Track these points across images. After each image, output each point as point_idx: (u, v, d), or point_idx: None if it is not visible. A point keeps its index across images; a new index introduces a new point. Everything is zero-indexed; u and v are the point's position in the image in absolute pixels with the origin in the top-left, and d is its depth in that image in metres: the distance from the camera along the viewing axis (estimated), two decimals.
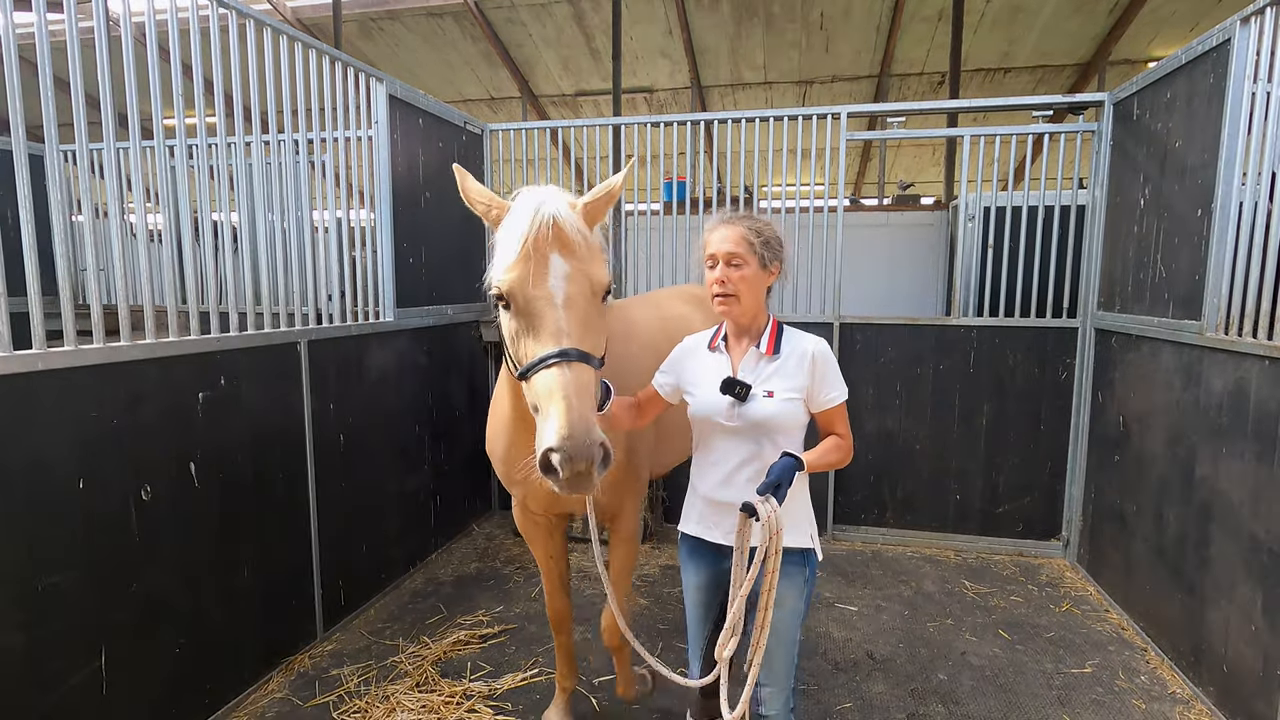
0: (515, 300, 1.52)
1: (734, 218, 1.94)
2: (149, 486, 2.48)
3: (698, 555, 2.06)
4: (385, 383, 3.87)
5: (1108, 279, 4.12)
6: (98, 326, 2.33)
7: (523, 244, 1.51)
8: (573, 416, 1.37)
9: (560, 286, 1.52)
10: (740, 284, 1.90)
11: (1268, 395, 2.63)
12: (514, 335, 1.55)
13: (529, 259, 1.51)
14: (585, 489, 1.40)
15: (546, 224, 1.53)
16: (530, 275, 1.51)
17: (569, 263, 1.55)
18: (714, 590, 2.04)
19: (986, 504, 4.62)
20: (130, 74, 2.42)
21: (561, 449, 1.35)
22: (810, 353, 1.91)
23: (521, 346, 1.53)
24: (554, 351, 1.45)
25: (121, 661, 2.39)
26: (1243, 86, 2.90)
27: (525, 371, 1.49)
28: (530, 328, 1.51)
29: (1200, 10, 9.91)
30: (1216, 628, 2.89)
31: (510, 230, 1.55)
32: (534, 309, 1.50)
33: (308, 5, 11.66)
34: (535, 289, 1.51)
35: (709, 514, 2.00)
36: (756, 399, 1.87)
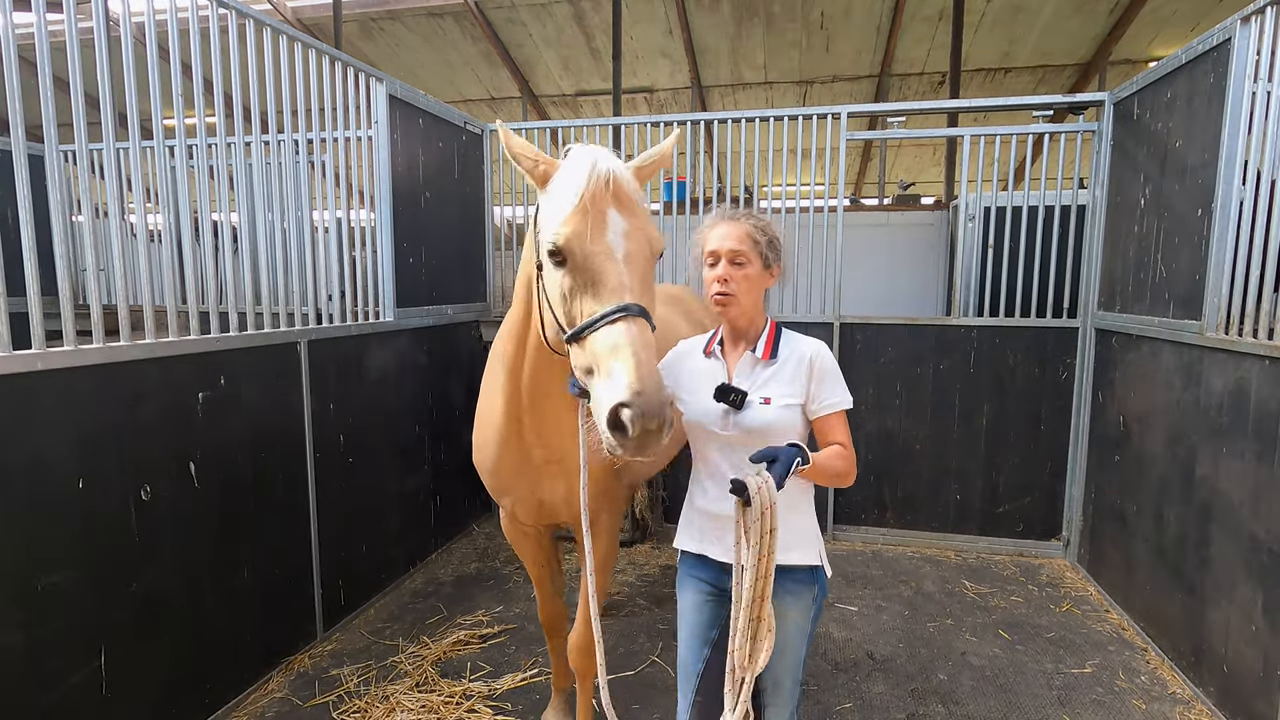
0: (573, 255, 1.42)
1: (737, 214, 1.87)
2: (149, 486, 2.48)
3: (696, 573, 1.94)
4: (385, 383, 3.88)
5: (1108, 279, 4.12)
6: (97, 326, 2.33)
7: (580, 198, 1.43)
8: (644, 371, 1.29)
9: (620, 243, 1.45)
10: (742, 283, 1.82)
11: (1268, 395, 2.63)
12: (566, 293, 1.44)
13: (586, 213, 1.43)
14: (650, 451, 1.32)
15: (604, 179, 1.46)
16: (589, 229, 1.42)
17: (627, 220, 1.48)
18: (714, 612, 1.90)
19: (987, 504, 4.62)
20: (130, 74, 2.42)
21: (634, 404, 1.25)
22: (809, 355, 1.83)
23: (575, 305, 1.43)
24: (618, 305, 1.37)
25: (121, 661, 2.39)
26: (1243, 86, 2.89)
27: (582, 330, 1.39)
28: (589, 284, 1.41)
29: (1201, 10, 9.90)
30: (1217, 628, 2.89)
31: (565, 184, 1.47)
32: (593, 264, 1.41)
33: (308, 5, 11.67)
34: (594, 244, 1.42)
35: (709, 529, 1.89)
36: (752, 406, 1.78)
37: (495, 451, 2.13)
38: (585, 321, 1.39)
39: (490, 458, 2.17)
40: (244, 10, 2.90)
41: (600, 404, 1.32)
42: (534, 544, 2.52)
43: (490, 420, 2.11)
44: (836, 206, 4.63)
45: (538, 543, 2.52)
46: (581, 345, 1.41)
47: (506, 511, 2.40)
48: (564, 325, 1.47)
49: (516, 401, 1.96)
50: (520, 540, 2.51)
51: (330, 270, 3.59)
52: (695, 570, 1.93)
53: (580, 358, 1.42)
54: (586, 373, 1.41)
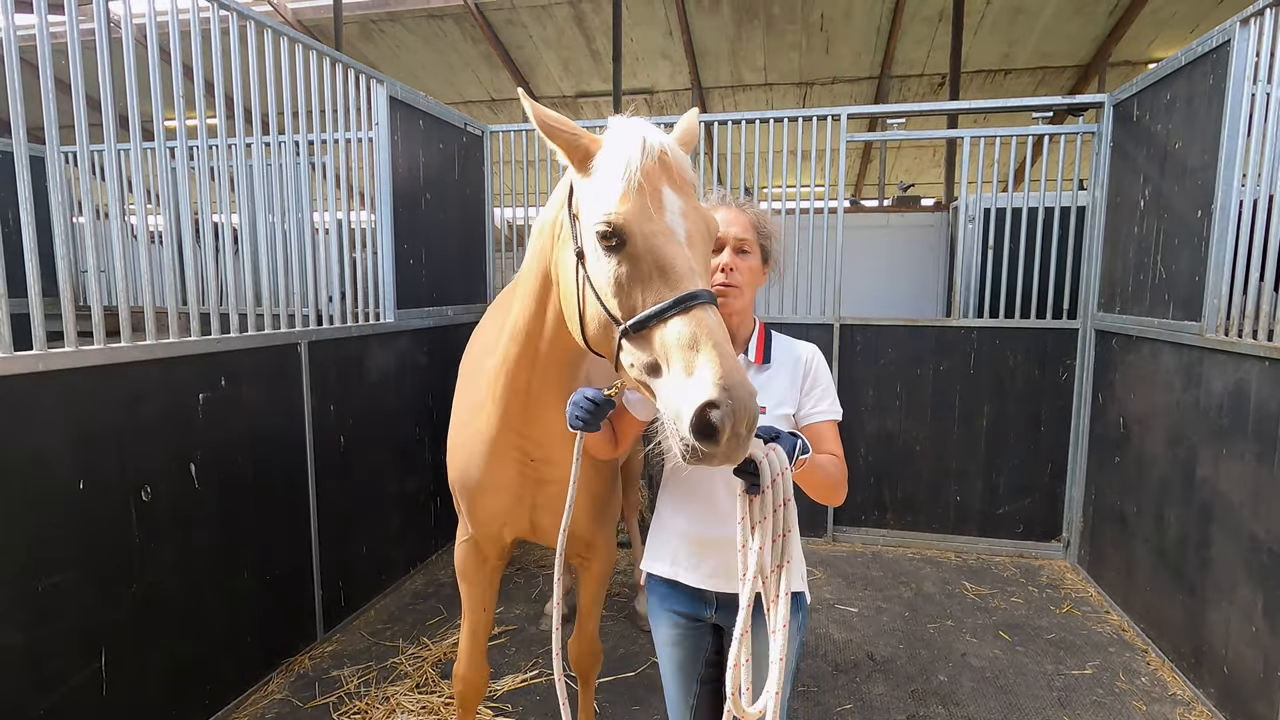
0: (633, 237, 1.25)
1: (739, 201, 1.75)
2: (149, 487, 2.48)
3: (670, 603, 1.76)
4: (386, 384, 3.88)
5: (1108, 280, 4.12)
6: (98, 327, 2.34)
7: (634, 174, 1.29)
8: (730, 364, 1.12)
9: (679, 223, 1.31)
10: (746, 274, 1.68)
11: (1268, 396, 2.63)
12: (622, 281, 1.27)
13: (643, 191, 1.28)
14: (736, 459, 1.17)
15: (657, 153, 1.32)
16: (648, 208, 1.28)
17: (683, 199, 1.34)
18: (696, 650, 1.74)
19: (987, 505, 4.62)
20: (131, 75, 2.42)
21: (723, 402, 1.07)
22: (805, 359, 1.73)
23: (636, 294, 1.26)
24: (690, 291, 1.20)
25: (121, 662, 2.39)
26: (1242, 87, 2.90)
27: (647, 321, 1.22)
28: (652, 270, 1.24)
29: (1200, 12, 9.91)
30: (1217, 629, 2.89)
31: (614, 160, 1.31)
32: (656, 246, 1.25)
33: (308, 7, 11.69)
34: (654, 224, 1.27)
35: (687, 553, 1.72)
36: None
37: (487, 470, 1.92)
38: (651, 310, 1.22)
39: (478, 477, 1.95)
40: (245, 12, 2.90)
41: (680, 405, 1.13)
42: (488, 579, 2.24)
43: (480, 433, 1.89)
44: (837, 208, 4.64)
45: (491, 579, 2.25)
46: (644, 338, 1.24)
47: (473, 539, 2.16)
48: (617, 316, 1.28)
49: (518, 412, 1.76)
50: (477, 570, 2.21)
51: (331, 271, 3.59)
52: (668, 600, 1.78)
53: (639, 353, 1.25)
54: (649, 370, 1.24)
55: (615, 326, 1.28)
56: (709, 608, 1.73)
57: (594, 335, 1.36)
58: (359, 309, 3.78)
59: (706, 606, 1.72)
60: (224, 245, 3.19)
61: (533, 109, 1.38)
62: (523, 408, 1.75)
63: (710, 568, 1.68)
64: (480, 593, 2.23)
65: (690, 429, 1.10)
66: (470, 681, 2.28)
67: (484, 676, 2.32)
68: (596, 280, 1.31)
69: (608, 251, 1.28)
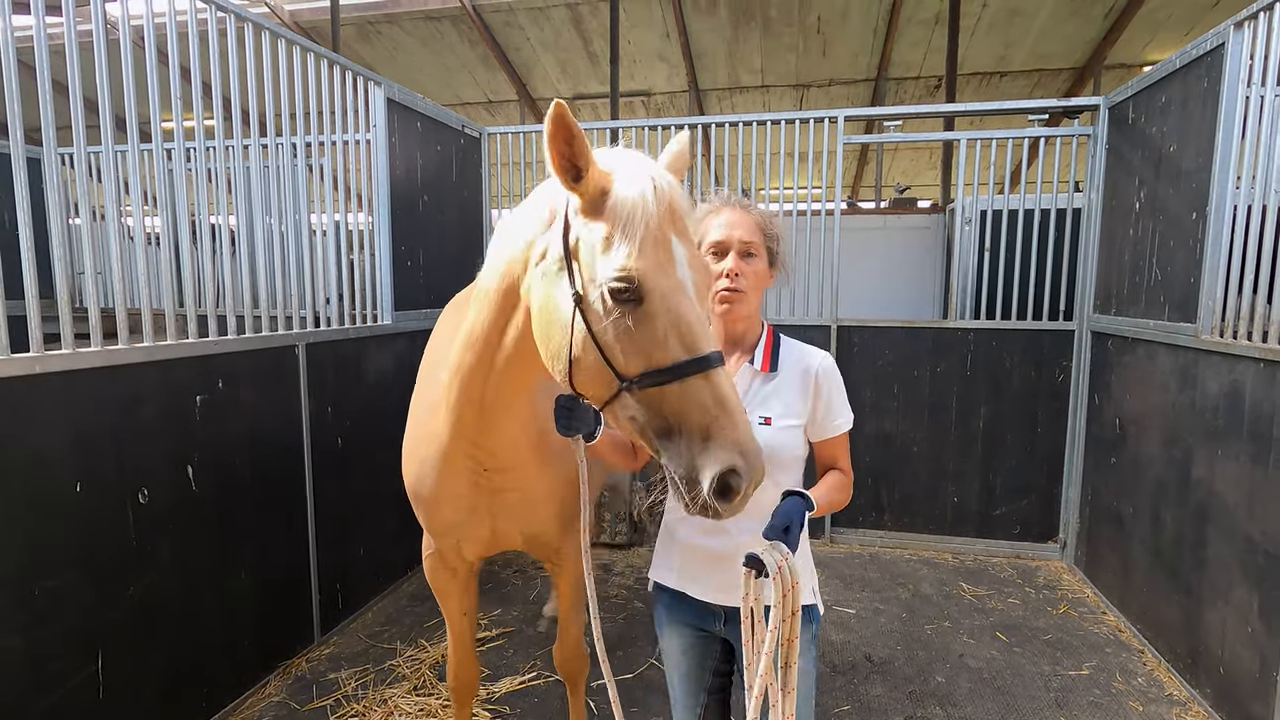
0: (650, 294, 1.20)
1: (744, 202, 1.69)
2: (146, 489, 2.48)
3: (677, 614, 1.74)
4: (383, 385, 3.87)
5: (1104, 282, 4.13)
6: (95, 330, 2.33)
7: (650, 224, 1.23)
8: (746, 429, 1.17)
9: (689, 276, 1.27)
10: (752, 279, 1.62)
11: (1262, 397, 2.65)
12: (630, 335, 1.21)
13: (657, 243, 1.24)
14: (741, 510, 1.20)
15: (667, 201, 1.27)
16: (662, 262, 1.23)
17: (687, 247, 1.30)
18: (704, 652, 1.73)
19: (984, 506, 4.63)
20: (129, 77, 2.42)
21: (743, 469, 1.13)
22: (814, 369, 1.64)
23: (650, 350, 1.21)
24: (705, 354, 1.19)
25: (118, 665, 2.38)
26: (1237, 90, 2.91)
27: (659, 379, 1.19)
28: (667, 328, 1.20)
29: (1195, 15, 9.97)
30: (1213, 629, 2.90)
31: (627, 208, 1.23)
32: (672, 304, 1.21)
33: (306, 9, 11.69)
34: (670, 280, 1.23)
35: (692, 565, 1.69)
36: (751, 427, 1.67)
37: (440, 478, 1.88)
38: (667, 369, 1.19)
39: (432, 486, 1.91)
40: (242, 14, 2.90)
41: (699, 469, 1.15)
42: (461, 587, 2.24)
43: (432, 441, 1.84)
44: (834, 210, 4.65)
45: (465, 586, 2.25)
46: (653, 396, 1.20)
47: (437, 552, 2.15)
48: (623, 373, 1.22)
49: (472, 420, 1.71)
50: (448, 584, 2.21)
51: (328, 273, 3.59)
52: (674, 611, 1.75)
53: (642, 410, 1.21)
54: (655, 426, 1.21)
55: (615, 381, 1.23)
56: (717, 621, 1.69)
57: (583, 382, 1.30)
58: (356, 311, 3.77)
59: (715, 619, 1.69)
60: (221, 247, 3.19)
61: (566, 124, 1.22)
62: (477, 416, 1.69)
63: (719, 582, 1.63)
64: (455, 602, 2.25)
65: (712, 492, 1.13)
66: (462, 679, 2.35)
67: (475, 675, 2.39)
68: (601, 333, 1.24)
69: (619, 306, 1.21)
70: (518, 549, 2.15)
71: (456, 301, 2.05)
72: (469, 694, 2.40)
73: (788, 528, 1.36)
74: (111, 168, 2.36)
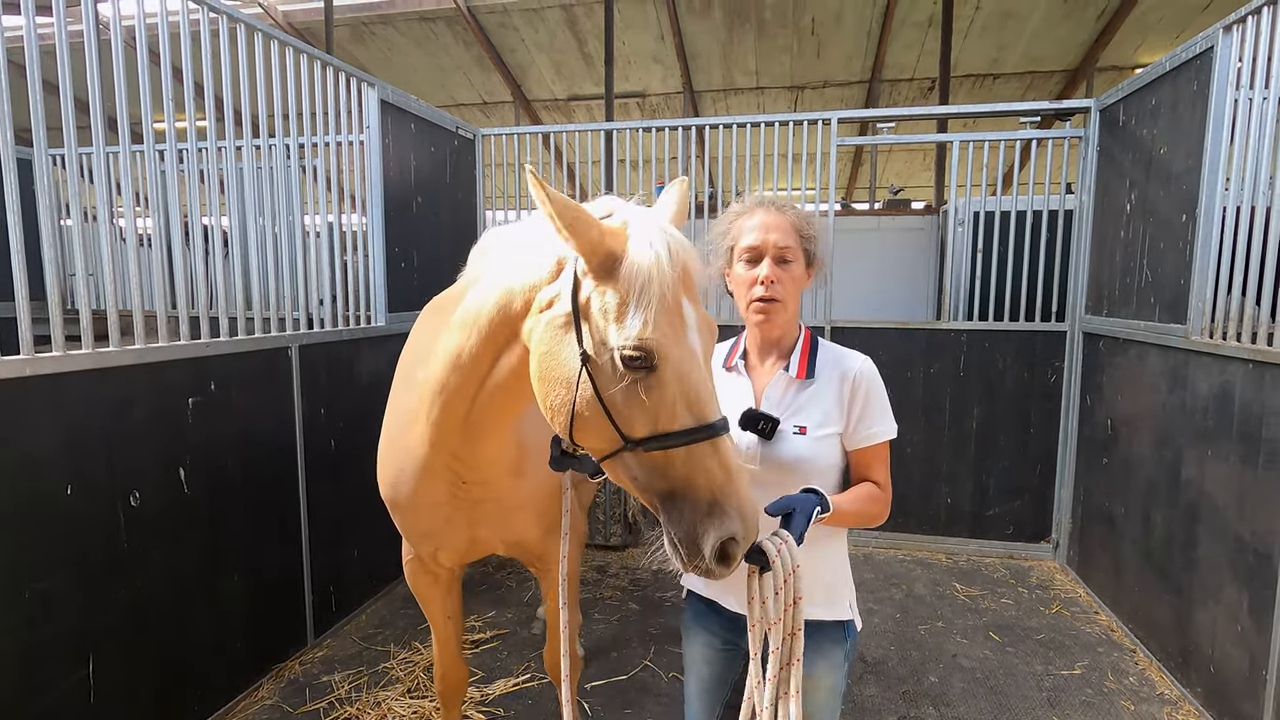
0: (663, 362, 1.20)
1: (778, 203, 1.60)
2: (138, 492, 2.47)
3: (706, 622, 1.69)
4: (377, 387, 3.85)
5: (1095, 283, 4.16)
6: (86, 332, 2.32)
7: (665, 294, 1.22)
8: (747, 495, 1.19)
9: (697, 341, 1.26)
10: (789, 285, 1.55)
11: (1251, 398, 2.67)
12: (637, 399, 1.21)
13: (670, 310, 1.22)
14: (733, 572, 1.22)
15: (680, 267, 1.25)
16: (677, 331, 1.23)
17: (695, 310, 1.29)
18: (726, 666, 1.67)
19: (977, 507, 4.65)
20: (120, 78, 2.41)
21: (742, 536, 1.16)
22: (853, 375, 1.56)
23: (656, 414, 1.21)
24: (711, 422, 1.20)
25: (109, 669, 2.37)
26: (1225, 93, 2.94)
27: (665, 444, 1.19)
28: (676, 395, 1.20)
29: (1185, 18, 10.03)
30: (1204, 629, 2.91)
31: (641, 276, 1.21)
32: (682, 373, 1.21)
33: (299, 9, 11.66)
34: (682, 348, 1.22)
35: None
36: (785, 436, 1.52)
37: (417, 487, 1.85)
38: (671, 435, 1.19)
39: (409, 494, 1.89)
40: (234, 15, 2.89)
41: (701, 535, 1.16)
42: (444, 591, 2.23)
43: (410, 451, 1.81)
44: (828, 211, 4.66)
45: (448, 590, 2.24)
46: (657, 459, 1.20)
47: (417, 557, 2.14)
48: (627, 433, 1.22)
49: (454, 437, 1.68)
50: (430, 589, 2.21)
51: (322, 275, 3.58)
52: (704, 619, 1.70)
53: (645, 471, 1.22)
54: (656, 487, 1.22)
55: (619, 440, 1.23)
56: (744, 633, 1.61)
57: (585, 437, 1.29)
58: (350, 312, 3.77)
59: (742, 632, 1.59)
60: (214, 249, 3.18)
61: (546, 199, 1.20)
62: (460, 433, 1.67)
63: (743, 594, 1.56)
64: (438, 606, 2.24)
65: (713, 559, 1.16)
66: (449, 682, 2.35)
67: (463, 677, 2.39)
68: (609, 396, 1.23)
69: (630, 371, 1.20)
70: (500, 554, 2.14)
71: (434, 306, 2.00)
72: (457, 697, 2.40)
73: (793, 513, 1.32)
74: (103, 169, 2.35)
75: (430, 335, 1.76)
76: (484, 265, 1.60)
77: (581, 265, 1.27)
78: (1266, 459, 2.57)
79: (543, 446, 1.96)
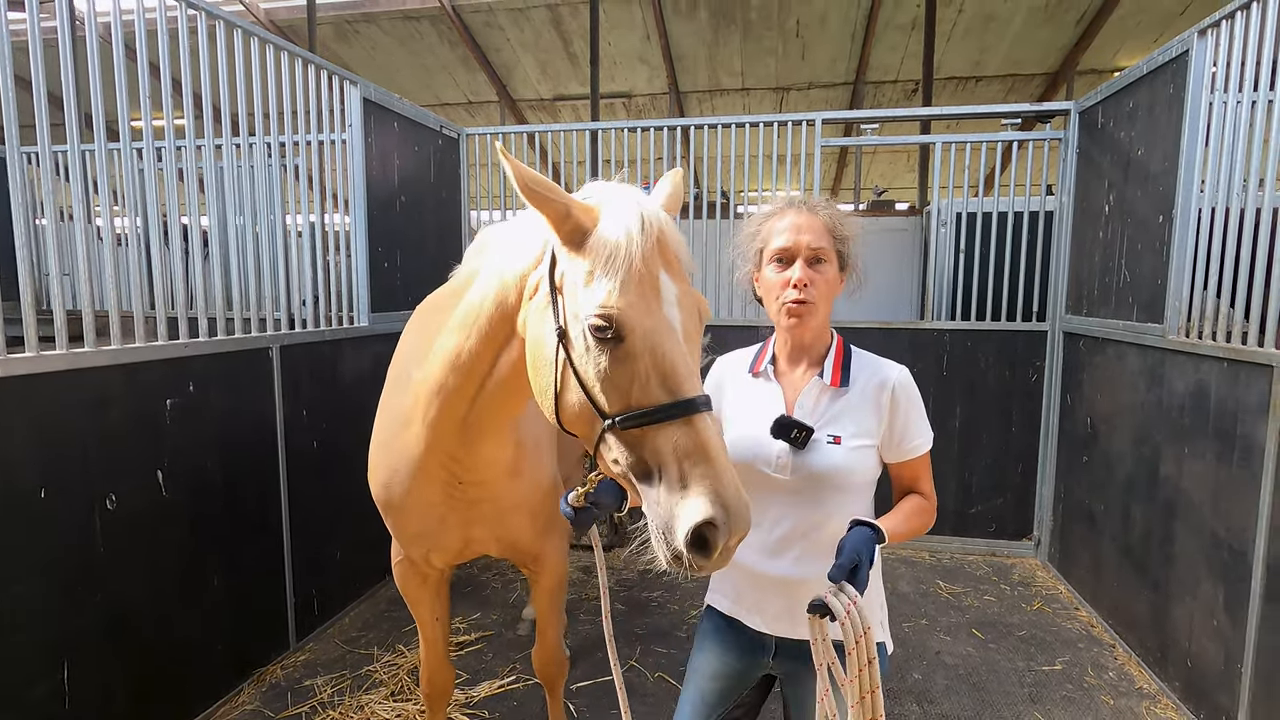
0: (633, 333, 1.16)
1: (810, 202, 1.54)
2: (114, 495, 2.43)
3: (724, 638, 1.63)
4: (360, 388, 3.83)
5: (1075, 283, 4.21)
6: (61, 333, 2.28)
7: (635, 260, 1.18)
8: (728, 478, 1.10)
9: (676, 315, 1.21)
10: (822, 288, 1.49)
11: (1226, 395, 2.71)
12: (611, 375, 1.18)
13: (641, 280, 1.19)
14: (724, 565, 1.15)
15: (655, 235, 1.22)
16: (648, 300, 1.19)
17: (677, 284, 1.24)
18: (732, 692, 1.61)
19: (960, 505, 4.69)
20: (95, 74, 2.37)
21: (721, 522, 1.06)
22: (891, 385, 1.52)
23: (630, 390, 1.17)
24: (689, 398, 1.14)
25: (84, 675, 2.33)
26: (1201, 96, 2.98)
27: (638, 421, 1.15)
28: (649, 369, 1.16)
29: (1163, 22, 10.20)
30: (1181, 623, 2.96)
31: (611, 242, 1.19)
32: (654, 344, 1.16)
33: (282, 7, 11.55)
34: (654, 318, 1.18)
35: (748, 591, 1.57)
36: (819, 446, 1.46)
37: (411, 488, 1.83)
38: (647, 412, 1.14)
39: (402, 496, 1.86)
40: (214, 11, 2.86)
41: (674, 519, 1.10)
42: (433, 593, 2.19)
43: (404, 452, 1.79)
44: None
45: (437, 591, 2.21)
46: (634, 438, 1.16)
47: (407, 558, 2.11)
48: (604, 410, 1.19)
49: (452, 439, 1.67)
50: (419, 590, 2.17)
51: (304, 275, 3.55)
52: (722, 635, 1.64)
53: (625, 452, 1.18)
54: (636, 470, 1.17)
55: (599, 419, 1.19)
56: (766, 654, 1.58)
57: (570, 419, 1.27)
58: (333, 312, 3.73)
59: (764, 652, 1.58)
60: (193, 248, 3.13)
61: (515, 170, 1.22)
62: (458, 434, 1.65)
63: (776, 610, 1.53)
64: (427, 608, 2.21)
65: (685, 544, 1.08)
66: (436, 684, 2.32)
67: (449, 680, 2.37)
68: (583, 370, 1.21)
69: (600, 344, 1.18)
70: (493, 555, 2.12)
71: (428, 305, 1.98)
72: (443, 700, 2.38)
73: (856, 567, 1.26)
74: (78, 167, 2.31)
75: (425, 335, 1.74)
76: (480, 261, 1.60)
77: (557, 240, 1.27)
78: (1240, 456, 2.62)
79: (540, 445, 1.97)
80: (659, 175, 1.70)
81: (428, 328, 1.75)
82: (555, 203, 1.22)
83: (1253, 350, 2.57)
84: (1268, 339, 2.55)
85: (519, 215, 1.53)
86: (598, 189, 1.32)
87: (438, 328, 1.65)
